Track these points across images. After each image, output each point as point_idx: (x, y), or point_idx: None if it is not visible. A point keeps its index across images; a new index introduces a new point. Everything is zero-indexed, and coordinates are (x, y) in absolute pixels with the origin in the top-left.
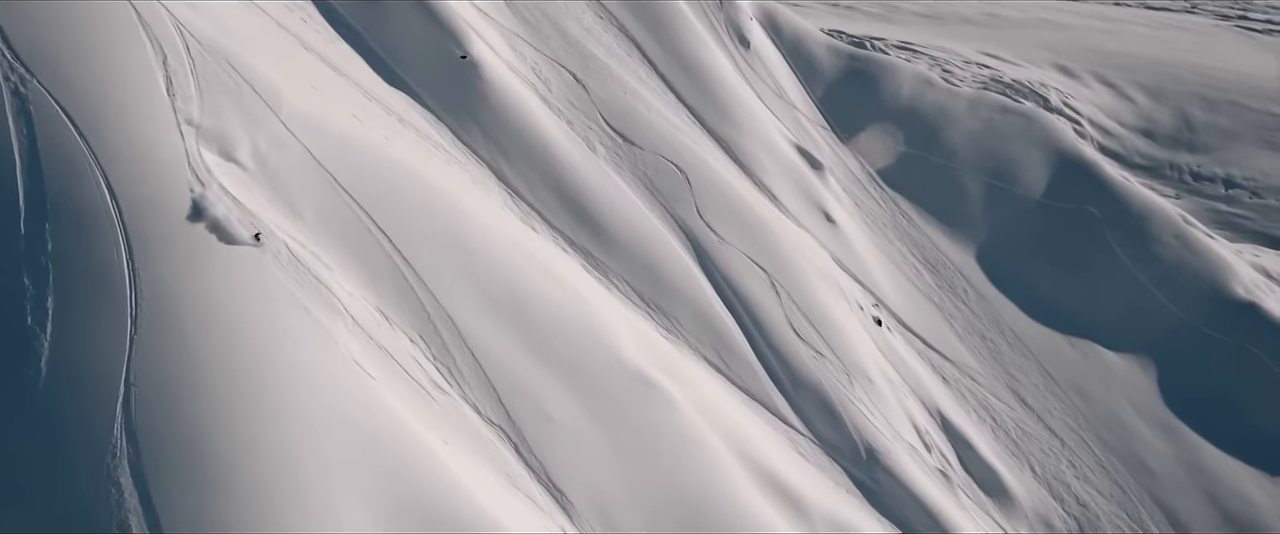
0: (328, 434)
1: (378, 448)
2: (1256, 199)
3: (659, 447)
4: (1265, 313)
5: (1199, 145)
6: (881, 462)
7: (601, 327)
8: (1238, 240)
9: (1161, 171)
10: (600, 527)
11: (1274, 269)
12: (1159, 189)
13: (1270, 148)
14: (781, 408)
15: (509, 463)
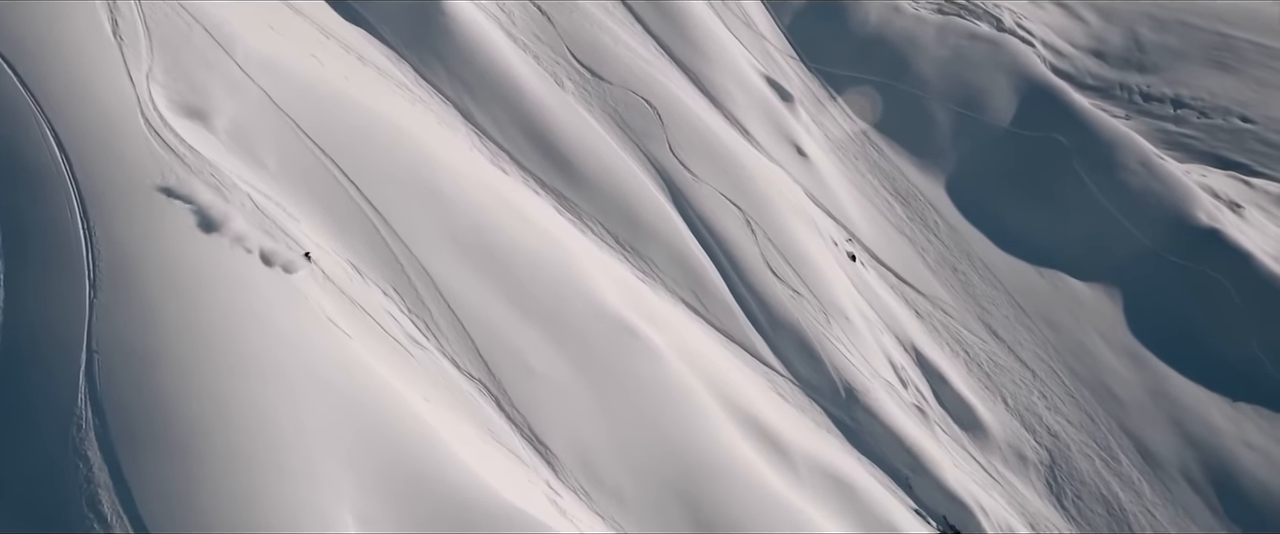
0: (305, 396)
1: (356, 408)
2: (1204, 119)
3: (642, 396)
4: (1227, 239)
5: (1149, 66)
6: (860, 400)
7: (580, 273)
8: (1186, 161)
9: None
10: (585, 480)
11: (1221, 189)
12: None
13: (1218, 67)
14: (760, 349)
15: (490, 417)
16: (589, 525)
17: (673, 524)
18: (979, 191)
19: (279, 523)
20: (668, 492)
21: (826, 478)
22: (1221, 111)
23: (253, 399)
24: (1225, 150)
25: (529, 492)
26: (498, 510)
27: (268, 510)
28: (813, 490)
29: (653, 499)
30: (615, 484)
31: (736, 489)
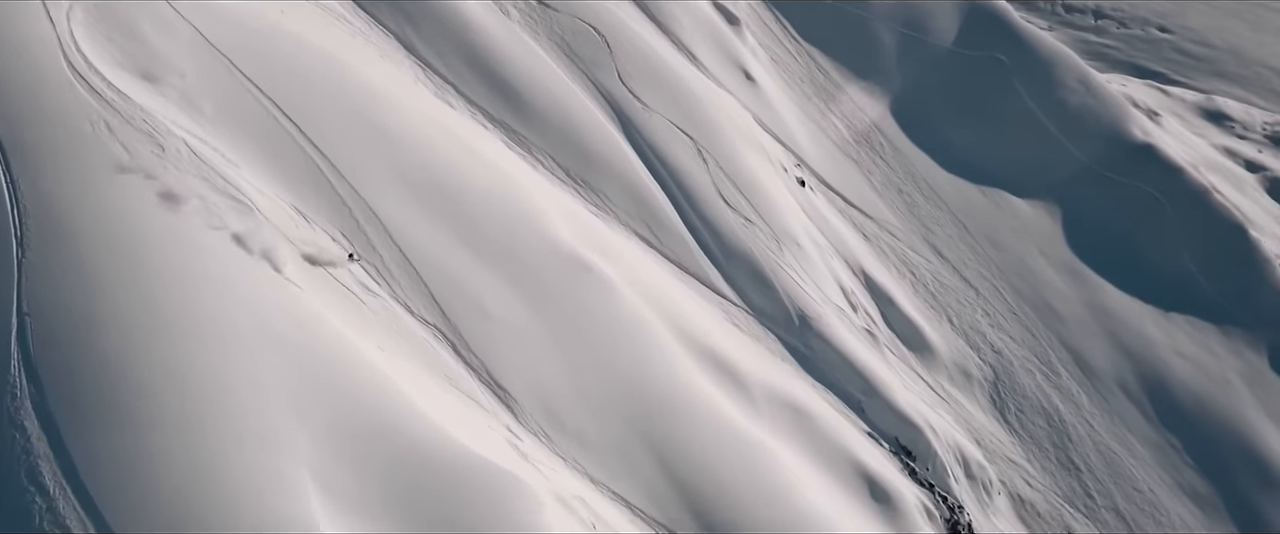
0: (258, 355)
1: (311, 364)
2: (1123, 29)
3: (600, 334)
4: (1161, 154)
5: None
6: (813, 327)
7: (532, 209)
8: (1106, 71)
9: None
10: (546, 422)
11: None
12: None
13: None
14: (715, 280)
15: (448, 364)
16: (551, 469)
17: (634, 462)
18: (923, 112)
19: (237, 490)
20: (628, 430)
21: (783, 407)
22: (1140, 22)
23: (204, 361)
24: (1143, 60)
25: (490, 438)
26: (459, 460)
27: (224, 477)
28: (770, 420)
29: (614, 438)
30: (576, 425)
31: (696, 424)
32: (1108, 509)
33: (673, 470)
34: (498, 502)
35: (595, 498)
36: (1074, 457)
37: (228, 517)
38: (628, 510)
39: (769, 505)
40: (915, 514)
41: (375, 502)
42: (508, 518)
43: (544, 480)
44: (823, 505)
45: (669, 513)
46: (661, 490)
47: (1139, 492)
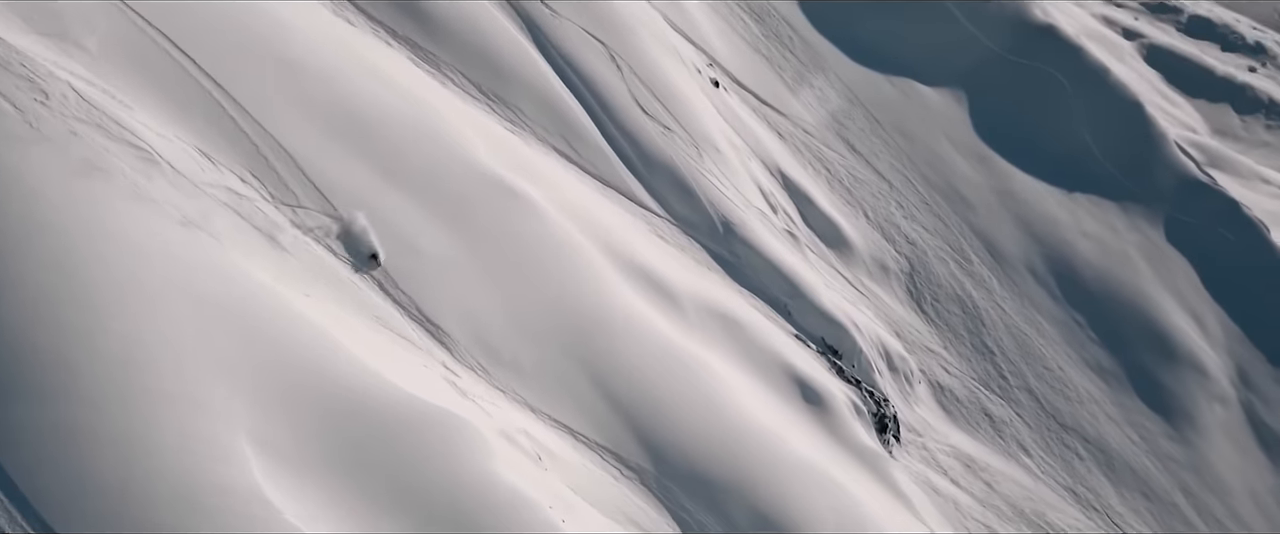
0: (177, 312)
1: (236, 318)
2: None
3: (530, 260)
4: (1061, 33)
5: None
6: (738, 233)
7: (448, 132)
8: None
9: None
10: (481, 355)
11: None
12: None
13: None
14: (637, 192)
15: (376, 304)
16: (491, 403)
17: (573, 387)
18: (831, 4)
19: (170, 461)
20: (564, 355)
21: (713, 317)
22: None
23: (119, 325)
24: None
25: (427, 378)
26: (399, 403)
27: (156, 449)
28: (702, 332)
29: (551, 365)
30: (512, 356)
31: (631, 343)
32: (1021, 389)
33: (611, 392)
34: (445, 447)
35: (537, 428)
36: (988, 340)
37: (163, 487)
38: (570, 437)
39: (707, 419)
40: (845, 412)
41: (317, 458)
42: (457, 463)
43: (486, 418)
44: (759, 414)
45: (610, 435)
46: (601, 413)
47: (1048, 370)
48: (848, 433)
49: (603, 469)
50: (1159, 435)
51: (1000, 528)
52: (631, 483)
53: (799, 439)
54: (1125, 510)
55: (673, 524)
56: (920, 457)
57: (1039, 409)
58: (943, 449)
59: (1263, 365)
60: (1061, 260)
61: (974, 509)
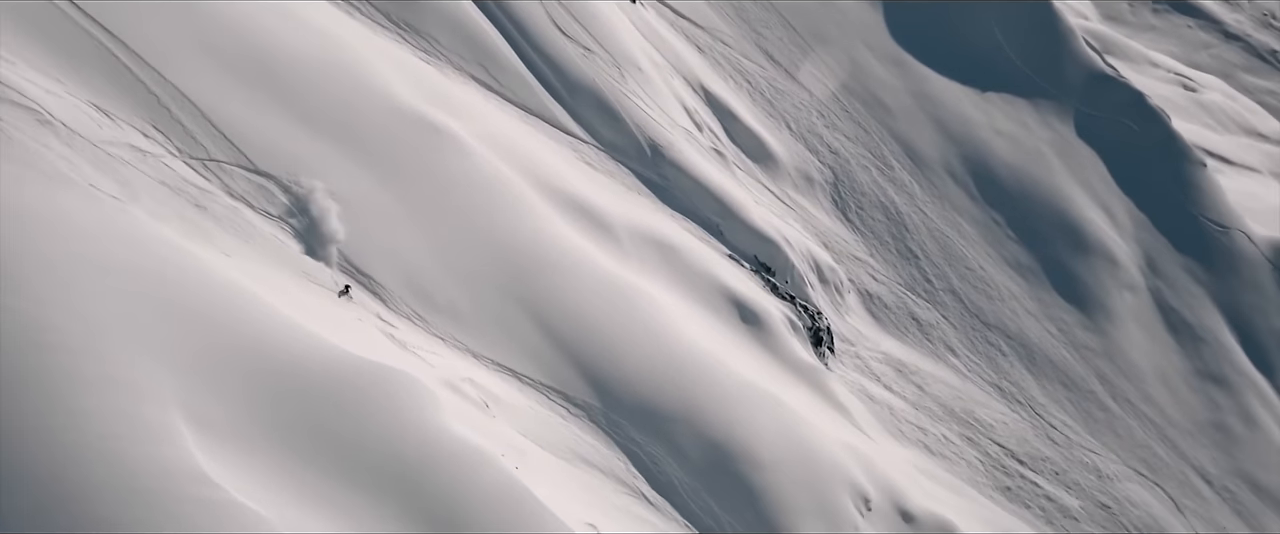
0: (85, 286)
1: (156, 286)
2: None
3: (458, 199)
4: None
5: None
6: (665, 155)
7: (364, 69)
8: None
9: None
10: (417, 303)
11: None
12: None
13: None
14: (561, 118)
15: (301, 259)
16: (432, 353)
17: (513, 328)
18: None
19: (102, 448)
20: (502, 295)
21: (648, 243)
22: None
23: (29, 307)
24: None
25: (362, 332)
26: (337, 362)
27: (85, 437)
28: (638, 260)
29: (489, 307)
30: (448, 301)
31: (568, 277)
32: (945, 291)
33: (552, 329)
34: (389, 404)
35: (481, 374)
36: (912, 245)
37: (98, 476)
38: (514, 380)
39: (650, 350)
40: (782, 329)
41: (256, 428)
42: (403, 420)
43: (429, 369)
44: (700, 339)
45: (555, 374)
46: (544, 353)
47: (970, 270)
48: (786, 350)
49: (550, 410)
50: (1075, 326)
51: (933, 428)
52: (580, 421)
53: (740, 361)
54: (1047, 401)
55: (623, 458)
56: (854, 365)
57: (963, 309)
58: (875, 356)
59: (1169, 252)
60: (978, 160)
61: (907, 413)
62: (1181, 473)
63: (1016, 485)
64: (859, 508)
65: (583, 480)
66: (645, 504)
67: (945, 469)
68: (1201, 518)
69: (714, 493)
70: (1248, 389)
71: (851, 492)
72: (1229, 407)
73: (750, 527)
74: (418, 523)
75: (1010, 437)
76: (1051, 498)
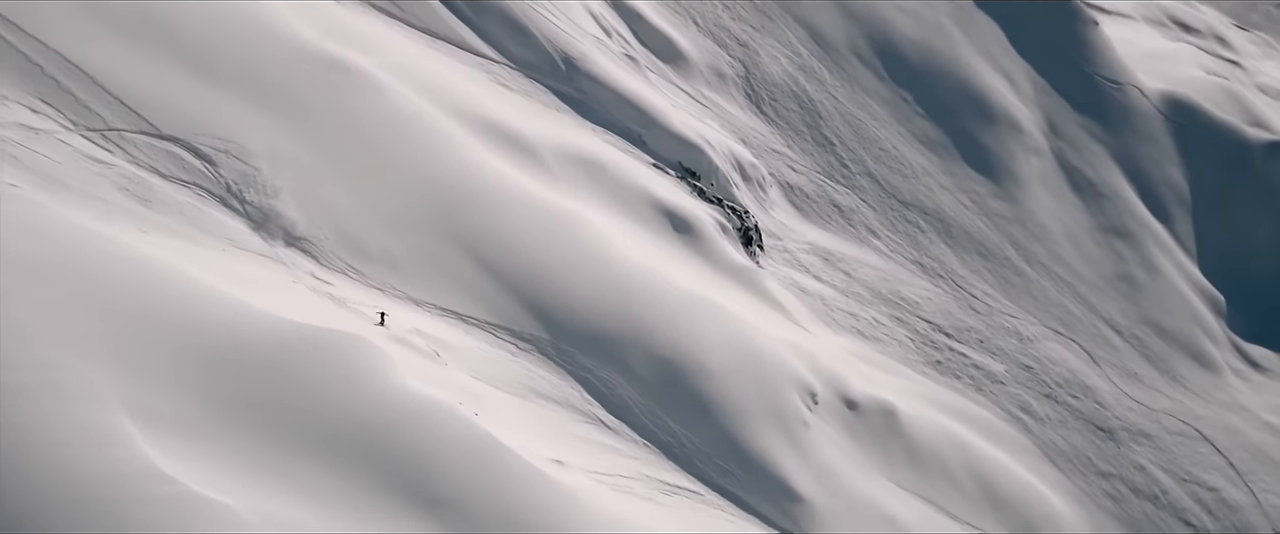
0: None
1: (66, 277)
2: None
3: (378, 139)
4: None
5: None
6: (580, 67)
7: (258, 11)
8: None
9: None
10: (350, 256)
11: None
12: None
13: None
14: (470, 39)
15: (224, 223)
16: (372, 304)
17: (452, 269)
18: None
19: (48, 458)
20: (436, 236)
21: (574, 163)
22: None
23: None
24: None
25: (299, 295)
26: (278, 333)
27: (26, 448)
28: (567, 182)
29: (424, 250)
30: (382, 249)
31: (500, 210)
32: (862, 175)
33: (490, 265)
34: (340, 368)
35: (426, 322)
36: (826, 132)
37: (48, 488)
38: (459, 322)
39: (590, 273)
40: (713, 234)
41: (204, 414)
42: (355, 383)
43: (373, 325)
44: (637, 255)
45: (500, 311)
46: (486, 290)
47: (884, 151)
48: (719, 254)
49: (499, 348)
50: (987, 195)
51: (863, 313)
52: (530, 355)
53: (678, 272)
54: (967, 272)
55: (577, 387)
56: (783, 260)
57: (881, 191)
58: (801, 248)
59: (1068, 113)
60: (883, 39)
61: (838, 300)
62: (1094, 327)
63: (946, 358)
64: (806, 403)
65: (540, 415)
66: (604, 430)
67: (879, 352)
68: (1115, 367)
69: (668, 409)
70: (1148, 239)
71: (798, 388)
72: (1132, 258)
73: (706, 437)
74: (386, 488)
75: (936, 311)
76: (979, 366)
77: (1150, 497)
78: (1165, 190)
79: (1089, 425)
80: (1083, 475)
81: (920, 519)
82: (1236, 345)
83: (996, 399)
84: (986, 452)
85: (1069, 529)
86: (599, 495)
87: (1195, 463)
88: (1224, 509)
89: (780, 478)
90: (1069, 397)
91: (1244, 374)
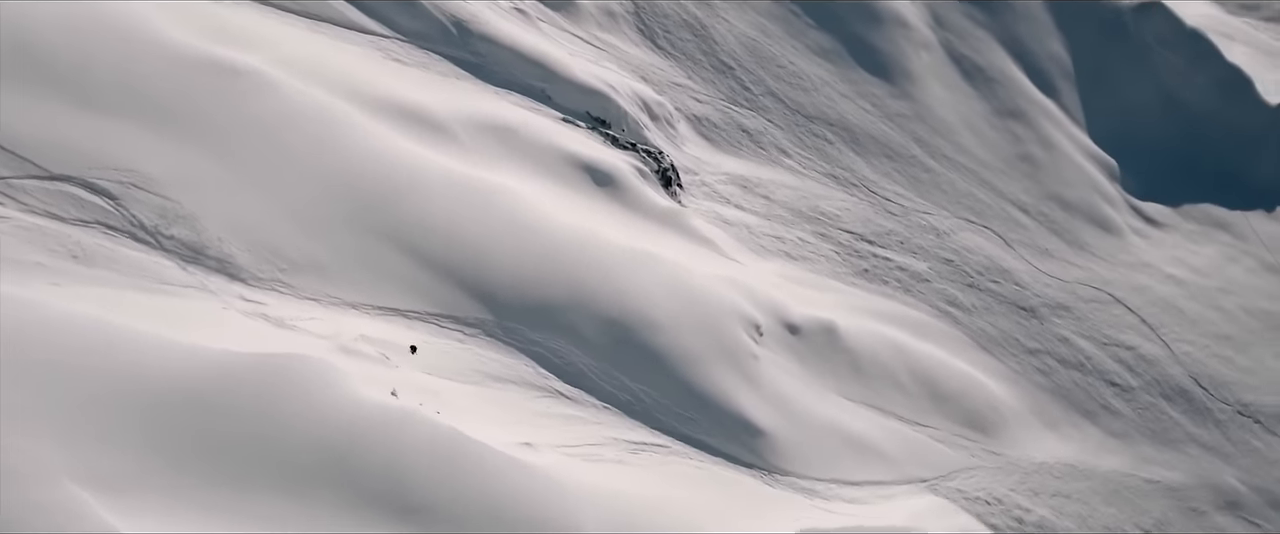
0: None
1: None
2: None
3: (283, 142)
4: None
5: None
6: (472, 30)
7: (133, 23)
8: None
9: None
10: (275, 269)
11: None
12: None
13: None
14: (355, 17)
15: (138, 260)
16: (309, 318)
17: (383, 265)
18: None
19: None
20: (360, 233)
21: (484, 131)
22: None
23: None
24: None
25: (232, 322)
26: (221, 368)
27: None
28: (481, 153)
29: (352, 250)
30: (307, 257)
31: (421, 193)
32: (765, 95)
33: (422, 253)
34: (294, 393)
35: (367, 325)
36: (722, 57)
37: None
38: (401, 318)
39: (522, 245)
40: (634, 180)
41: (162, 465)
42: (313, 405)
43: (317, 340)
44: (565, 217)
45: (439, 300)
46: (420, 280)
47: (782, 67)
48: (643, 201)
49: (445, 338)
50: (886, 97)
51: (787, 234)
52: (477, 339)
53: (608, 227)
54: (877, 176)
55: (530, 363)
56: (704, 194)
57: (785, 109)
58: (718, 179)
59: (950, 2)
60: None
61: (762, 226)
62: (1003, 210)
63: (872, 266)
64: (752, 336)
65: (499, 399)
66: (564, 401)
67: (809, 270)
68: (1028, 246)
69: (622, 368)
70: (1040, 116)
71: (742, 323)
72: (1029, 137)
73: (663, 389)
74: (356, 504)
75: (855, 221)
76: (903, 267)
77: (1076, 365)
78: (1050, 66)
79: (1012, 307)
80: (1013, 356)
81: (874, 428)
82: (1133, 206)
83: (924, 297)
84: (923, 350)
85: (1009, 411)
86: (572, 470)
87: (1112, 325)
88: (1143, 364)
89: (740, 415)
90: (990, 283)
91: (1143, 232)
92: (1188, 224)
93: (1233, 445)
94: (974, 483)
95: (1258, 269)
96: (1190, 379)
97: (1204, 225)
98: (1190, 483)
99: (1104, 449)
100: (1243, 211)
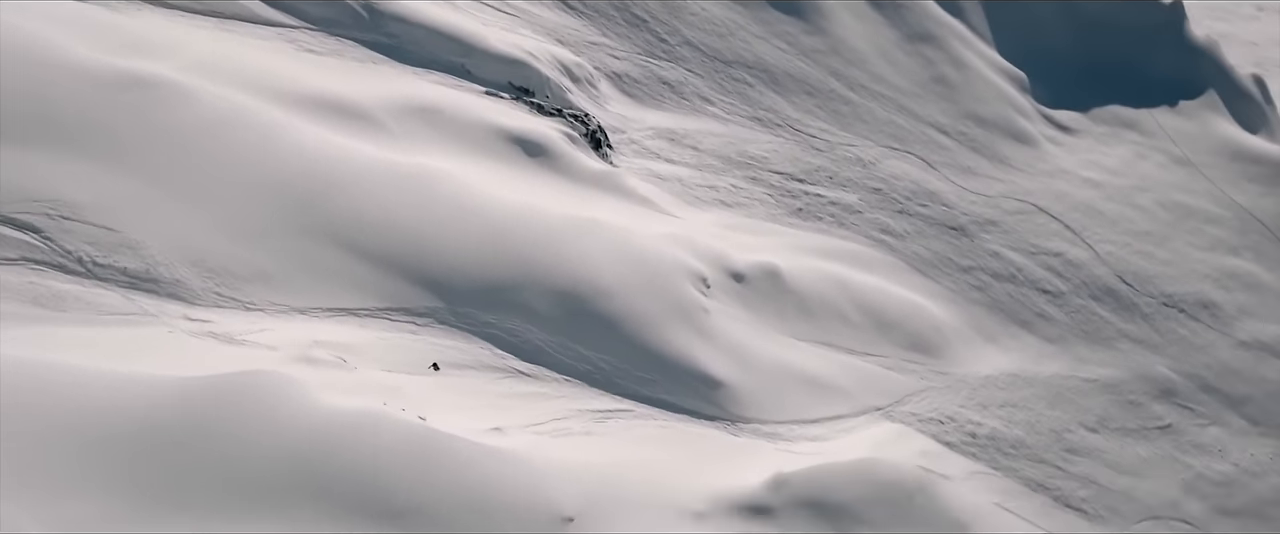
0: None
1: None
2: None
3: (205, 151)
4: None
5: None
6: (384, 11)
7: (28, 42)
8: None
9: None
10: (219, 286)
11: None
12: None
13: None
14: (261, 10)
15: (73, 293)
16: (261, 331)
17: (326, 266)
18: None
19: None
20: (299, 236)
21: (409, 114)
22: None
23: None
24: None
25: (180, 345)
26: (178, 394)
27: None
28: (409, 138)
29: (292, 254)
30: (248, 266)
31: (354, 186)
32: (681, 45)
33: (363, 248)
34: (257, 412)
35: (321, 329)
36: (635, 10)
37: None
38: (353, 319)
39: (464, 228)
40: (565, 147)
41: (130, 507)
42: (278, 421)
43: (271, 352)
44: (503, 195)
45: (386, 294)
46: (367, 277)
47: (695, 15)
48: (576, 166)
49: (399, 331)
50: (799, 34)
51: (720, 182)
52: (431, 329)
53: (546, 198)
54: (800, 114)
55: (486, 345)
56: (633, 152)
57: (702, 56)
58: (646, 134)
59: None
60: None
61: (694, 177)
62: (923, 134)
63: (805, 204)
64: (700, 289)
65: (461, 386)
66: (524, 379)
67: (746, 216)
68: (950, 167)
69: (578, 338)
70: (950, 36)
71: (689, 277)
72: (940, 59)
73: (621, 355)
74: (341, 514)
75: (784, 161)
76: (835, 202)
77: (1008, 277)
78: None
79: (942, 228)
80: (949, 276)
81: (826, 364)
82: (1045, 115)
83: (858, 228)
84: (864, 281)
85: (950, 330)
86: (543, 448)
87: (1037, 235)
88: (1071, 269)
89: (697, 369)
90: (919, 207)
91: (1057, 140)
92: (1098, 127)
93: (1161, 336)
94: (926, 405)
95: (1167, 164)
96: (1116, 277)
97: (1113, 127)
98: (1126, 377)
99: (1043, 355)
100: (1148, 109)
